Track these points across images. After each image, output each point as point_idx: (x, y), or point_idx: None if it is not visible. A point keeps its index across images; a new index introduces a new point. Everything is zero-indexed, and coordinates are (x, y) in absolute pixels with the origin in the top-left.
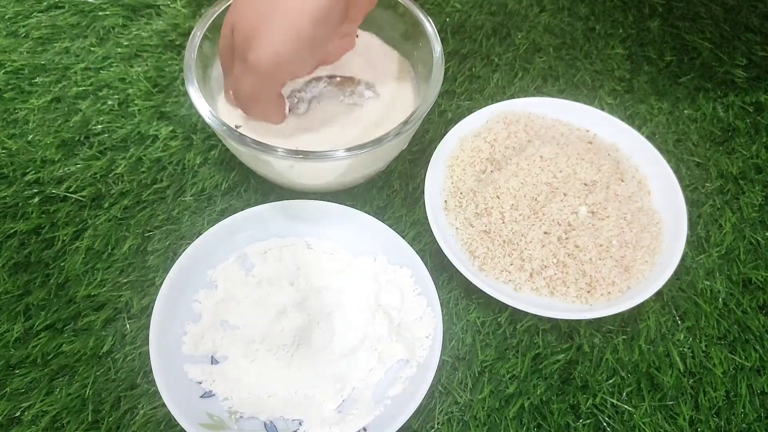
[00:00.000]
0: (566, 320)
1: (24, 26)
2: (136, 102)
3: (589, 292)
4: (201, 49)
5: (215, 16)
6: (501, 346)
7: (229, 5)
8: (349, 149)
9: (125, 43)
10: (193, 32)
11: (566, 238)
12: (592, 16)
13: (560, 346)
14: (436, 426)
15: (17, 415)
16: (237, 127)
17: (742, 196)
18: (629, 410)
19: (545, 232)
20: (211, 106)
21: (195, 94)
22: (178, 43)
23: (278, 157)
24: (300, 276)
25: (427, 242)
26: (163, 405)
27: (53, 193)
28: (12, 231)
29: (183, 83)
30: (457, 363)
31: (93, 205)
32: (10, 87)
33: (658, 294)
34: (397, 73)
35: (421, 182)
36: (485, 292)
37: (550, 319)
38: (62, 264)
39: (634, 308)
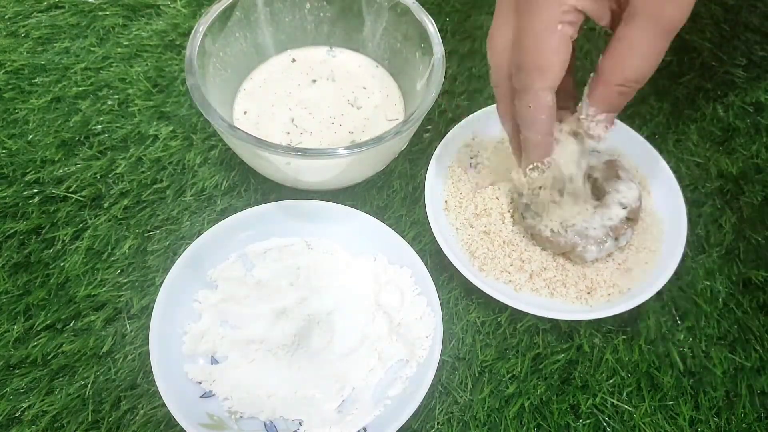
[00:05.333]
0: (566, 320)
1: (24, 26)
2: (136, 102)
3: (589, 293)
4: (202, 44)
5: (218, 12)
6: (501, 346)
7: (231, 2)
8: (347, 147)
9: (125, 43)
10: (195, 27)
11: None
12: None
13: (560, 346)
14: (436, 426)
15: (17, 415)
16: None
17: (742, 196)
18: (629, 410)
19: None
20: (211, 101)
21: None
22: (178, 43)
23: (275, 154)
24: (300, 276)
25: (427, 242)
26: (163, 405)
27: (53, 193)
28: (12, 231)
29: (183, 83)
30: (457, 363)
31: (93, 205)
32: (10, 87)
33: (658, 294)
34: (384, 89)
35: (421, 182)
36: (485, 292)
37: (550, 319)
38: (62, 264)
39: (634, 308)
